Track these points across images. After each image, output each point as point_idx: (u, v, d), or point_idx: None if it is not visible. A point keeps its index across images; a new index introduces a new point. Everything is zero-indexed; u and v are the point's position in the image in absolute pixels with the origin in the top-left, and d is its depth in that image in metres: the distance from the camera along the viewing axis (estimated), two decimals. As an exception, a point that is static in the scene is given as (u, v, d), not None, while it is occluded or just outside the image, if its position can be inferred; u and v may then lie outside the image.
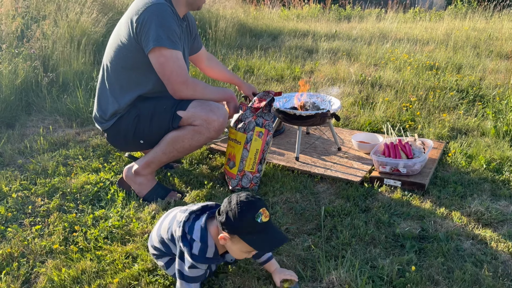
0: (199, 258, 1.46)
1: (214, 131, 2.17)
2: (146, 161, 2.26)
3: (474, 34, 6.39)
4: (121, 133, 2.24)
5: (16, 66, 3.63)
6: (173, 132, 2.19)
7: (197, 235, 1.47)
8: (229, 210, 1.42)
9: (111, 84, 2.21)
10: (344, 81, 4.22)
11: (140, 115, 2.19)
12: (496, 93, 3.68)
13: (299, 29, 7.11)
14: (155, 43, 2.01)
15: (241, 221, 1.40)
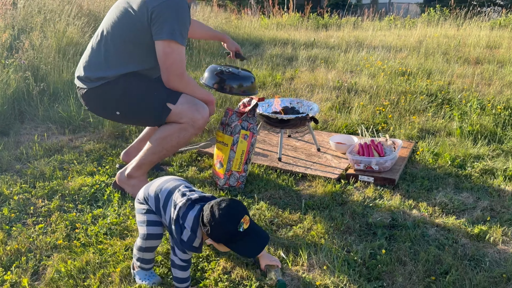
0: (186, 244, 1.60)
1: (199, 128, 2.33)
2: (138, 164, 2.42)
3: (444, 41, 6.75)
4: (102, 97, 2.31)
5: (8, 77, 3.76)
6: (160, 131, 2.33)
7: (189, 224, 1.60)
8: (212, 223, 1.52)
9: (108, 51, 2.27)
10: (322, 87, 4.47)
11: (128, 90, 2.28)
12: (462, 96, 3.98)
13: (279, 37, 7.36)
14: (168, 36, 2.14)
15: (225, 233, 1.53)
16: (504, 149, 3.02)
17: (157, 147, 2.35)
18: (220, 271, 1.83)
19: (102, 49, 2.28)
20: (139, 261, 1.75)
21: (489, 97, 3.94)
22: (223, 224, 1.52)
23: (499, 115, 3.53)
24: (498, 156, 2.92)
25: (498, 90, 4.24)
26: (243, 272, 1.81)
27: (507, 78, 4.58)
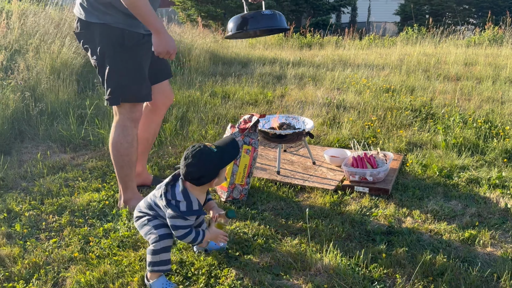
0: (188, 212, 1.79)
1: (136, 120, 2.40)
2: (122, 187, 2.52)
3: (424, 59, 7.08)
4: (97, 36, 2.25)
5: (7, 98, 3.83)
6: (109, 144, 2.44)
7: (180, 196, 1.79)
8: (194, 167, 1.77)
9: None
10: (312, 103, 4.66)
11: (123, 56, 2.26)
12: (445, 111, 4.22)
13: (266, 56, 7.59)
14: None
15: (209, 162, 1.78)
16: (487, 159, 3.23)
17: (117, 159, 2.44)
18: (233, 277, 1.94)
19: None
20: (156, 265, 1.84)
21: (469, 112, 4.19)
22: (200, 158, 1.77)
23: (480, 128, 3.76)
24: (481, 167, 3.12)
25: (478, 104, 4.51)
26: (255, 278, 1.93)
27: (485, 94, 4.86)
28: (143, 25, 2.28)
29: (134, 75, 2.33)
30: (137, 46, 2.30)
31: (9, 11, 6.95)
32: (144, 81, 2.38)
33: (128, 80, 2.31)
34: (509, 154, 3.31)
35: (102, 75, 2.33)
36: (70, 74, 4.72)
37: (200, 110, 4.40)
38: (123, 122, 2.41)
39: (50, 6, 8.76)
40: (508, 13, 11.57)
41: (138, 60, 2.33)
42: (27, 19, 5.93)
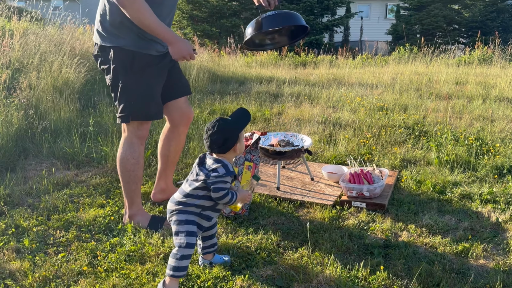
0: (227, 173, 1.97)
1: (142, 137, 2.52)
2: (127, 201, 2.60)
3: (416, 78, 7.27)
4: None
5: (11, 116, 3.91)
6: (117, 160, 2.54)
7: (215, 164, 1.99)
8: (214, 141, 1.98)
9: None
10: (309, 121, 4.78)
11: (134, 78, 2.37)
12: (437, 129, 4.35)
13: (262, 75, 7.75)
14: None
15: (228, 139, 1.99)
16: (478, 176, 3.36)
17: (123, 174, 2.53)
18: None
19: None
20: (177, 270, 1.94)
21: (461, 129, 4.33)
22: (220, 126, 1.99)
23: (471, 145, 3.89)
24: (473, 182, 3.24)
25: (469, 122, 4.66)
26: (259, 290, 2.01)
27: (476, 112, 5.02)
28: (154, 46, 2.41)
29: (144, 94, 2.43)
30: (148, 67, 2.42)
31: (10, 30, 7.08)
32: (153, 100, 2.48)
33: (137, 99, 2.42)
34: (499, 171, 3.43)
35: (115, 94, 2.45)
36: (72, 93, 4.82)
37: (200, 128, 4.50)
38: (131, 139, 2.52)
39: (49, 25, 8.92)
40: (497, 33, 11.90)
41: (148, 80, 2.44)
42: (28, 39, 6.05)
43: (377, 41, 24.57)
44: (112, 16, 2.33)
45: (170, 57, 2.50)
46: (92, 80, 5.71)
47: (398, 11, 19.38)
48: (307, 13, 17.40)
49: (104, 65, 2.44)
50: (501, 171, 3.44)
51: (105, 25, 2.38)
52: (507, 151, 3.76)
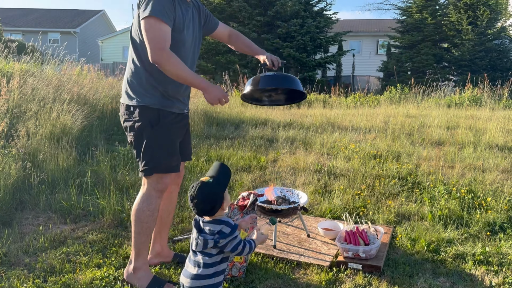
0: (233, 227, 2.03)
1: (161, 191, 2.58)
2: (134, 252, 2.62)
3: (408, 122, 7.42)
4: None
5: (9, 167, 3.94)
6: (132, 210, 2.60)
7: (218, 226, 2.01)
8: (202, 209, 2.00)
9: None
10: (304, 170, 4.85)
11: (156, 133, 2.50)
12: (430, 181, 4.44)
13: (257, 117, 7.87)
14: (147, 13, 2.27)
15: (215, 204, 2.00)
16: (471, 232, 3.41)
17: (137, 224, 2.58)
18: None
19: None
20: None
21: (453, 181, 4.41)
22: (203, 193, 2.00)
23: (463, 198, 3.97)
24: (466, 240, 3.29)
25: (461, 172, 4.75)
26: None
27: (467, 161, 5.12)
28: (176, 104, 2.57)
29: (167, 149, 2.55)
30: (171, 124, 2.55)
31: (8, 72, 7.18)
32: (175, 155, 2.60)
33: (161, 153, 2.53)
34: (492, 227, 3.50)
35: (138, 149, 2.55)
36: (69, 140, 4.86)
37: (196, 177, 4.55)
38: (149, 191, 2.59)
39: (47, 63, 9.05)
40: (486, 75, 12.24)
41: (171, 136, 2.57)
42: (26, 82, 6.14)
43: (369, 76, 25.13)
44: (139, 78, 2.50)
45: (188, 120, 2.75)
46: (89, 126, 5.77)
47: (389, 49, 19.90)
48: (300, 50, 17.80)
49: (128, 123, 2.55)
50: (493, 227, 3.50)
51: (132, 86, 2.53)
52: (499, 205, 3.83)
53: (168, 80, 2.46)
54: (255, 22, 18.24)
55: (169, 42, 2.32)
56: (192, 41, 2.58)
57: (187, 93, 2.71)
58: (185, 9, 2.49)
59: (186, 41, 2.50)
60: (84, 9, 35.54)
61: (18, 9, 36.02)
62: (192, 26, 2.56)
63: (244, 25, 18.33)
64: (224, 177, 2.13)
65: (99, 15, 34.99)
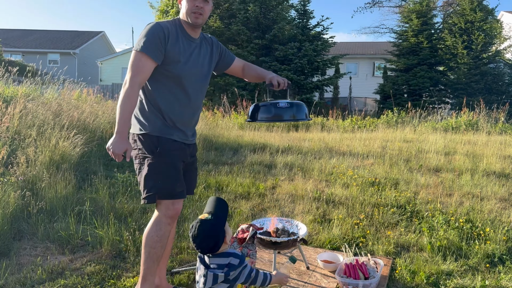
0: (241, 258, 2.06)
1: (171, 217, 2.58)
2: (141, 276, 2.63)
3: (405, 147, 7.47)
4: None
5: (8, 196, 3.94)
6: (143, 235, 2.61)
7: (222, 260, 2.04)
8: (205, 247, 2.04)
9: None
10: (302, 198, 4.86)
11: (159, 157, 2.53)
12: (428, 210, 4.45)
13: (255, 142, 7.90)
14: (134, 47, 2.46)
15: (218, 241, 2.03)
16: (470, 264, 3.41)
17: (145, 248, 2.59)
18: None
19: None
20: None
21: (451, 210, 4.42)
22: (204, 232, 2.03)
23: (462, 228, 3.97)
24: (466, 272, 3.29)
25: (459, 201, 4.77)
26: None
27: (465, 189, 5.14)
28: (176, 133, 2.61)
29: (169, 174, 2.56)
30: (171, 150, 2.58)
31: (8, 97, 7.23)
32: (178, 181, 2.60)
33: (163, 179, 2.54)
34: (491, 259, 3.49)
35: (141, 177, 2.59)
36: (69, 167, 4.87)
37: (195, 205, 4.55)
38: (159, 217, 2.60)
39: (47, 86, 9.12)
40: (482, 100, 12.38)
41: (173, 162, 2.58)
42: (26, 108, 6.18)
43: (366, 97, 25.35)
44: (143, 107, 2.59)
45: (193, 152, 2.77)
46: (88, 152, 5.79)
47: (385, 71, 20.13)
48: (298, 73, 17.98)
49: (133, 151, 2.61)
50: (492, 259, 3.50)
51: (137, 115, 2.61)
52: (497, 236, 3.84)
53: (169, 109, 2.56)
54: (253, 45, 18.47)
55: (143, 75, 2.43)
56: (196, 75, 2.63)
57: (191, 124, 2.71)
58: (187, 44, 2.58)
59: (184, 73, 2.56)
60: (84, 31, 35.86)
61: (18, 30, 36.41)
62: (197, 60, 2.63)
63: (242, 48, 18.55)
64: (222, 211, 2.15)
65: (99, 36, 35.38)
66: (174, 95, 2.57)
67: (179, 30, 2.57)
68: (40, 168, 4.64)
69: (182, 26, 2.59)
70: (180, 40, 2.55)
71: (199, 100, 2.72)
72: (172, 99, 2.57)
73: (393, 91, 17.58)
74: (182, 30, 2.58)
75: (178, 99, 2.58)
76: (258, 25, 18.90)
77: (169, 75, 2.52)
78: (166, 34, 2.47)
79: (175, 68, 2.52)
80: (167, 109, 2.55)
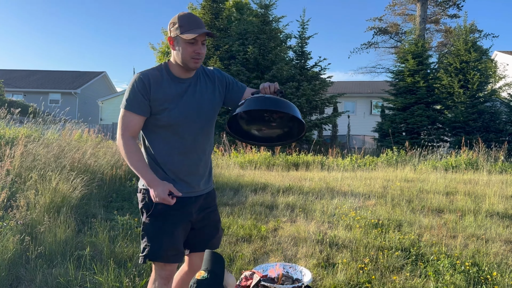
0: None
1: (165, 278, 2.49)
2: None
3: (407, 187, 7.44)
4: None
5: (7, 240, 3.88)
6: None
7: None
8: None
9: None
10: (305, 240, 4.79)
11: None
12: (433, 253, 4.38)
13: (256, 181, 7.88)
14: (120, 105, 2.43)
15: None
16: (480, 311, 3.33)
17: None
18: None
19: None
20: None
21: (456, 252, 4.36)
22: (208, 286, 2.05)
23: (468, 272, 3.90)
24: (476, 320, 3.20)
25: (463, 243, 4.70)
26: None
27: (469, 230, 5.09)
28: (179, 187, 2.43)
29: (161, 239, 2.45)
30: (167, 211, 2.42)
31: (9, 138, 7.26)
32: (172, 244, 2.45)
33: (155, 243, 2.45)
34: (501, 305, 3.41)
35: (140, 234, 2.55)
36: (69, 210, 4.82)
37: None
38: (155, 278, 2.53)
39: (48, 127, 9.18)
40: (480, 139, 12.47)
41: (167, 225, 2.45)
42: (27, 149, 6.19)
43: (364, 135, 25.53)
44: (145, 161, 2.49)
45: (205, 204, 2.59)
46: (88, 194, 5.75)
47: (383, 110, 20.37)
48: (297, 112, 18.17)
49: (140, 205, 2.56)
50: (502, 305, 3.42)
51: None
52: (505, 280, 3.77)
53: (167, 160, 2.45)
54: (253, 85, 18.77)
55: (131, 129, 2.39)
56: (192, 116, 2.45)
57: (198, 171, 2.52)
58: (175, 87, 2.42)
59: (176, 119, 2.41)
60: (86, 71, 36.52)
61: (20, 70, 37.08)
62: (192, 100, 2.44)
63: (242, 88, 18.82)
64: (219, 267, 2.11)
65: (100, 76, 36.00)
66: (169, 144, 2.44)
67: (165, 74, 2.42)
68: (40, 211, 4.59)
69: (169, 69, 2.44)
70: (165, 85, 2.40)
71: (203, 143, 2.52)
72: (168, 149, 2.45)
73: (391, 129, 17.71)
74: (169, 73, 2.43)
75: (175, 147, 2.45)
76: (257, 66, 19.28)
77: (161, 124, 2.42)
78: (147, 84, 2.36)
79: (164, 117, 2.40)
80: (164, 161, 2.45)
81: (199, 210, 2.57)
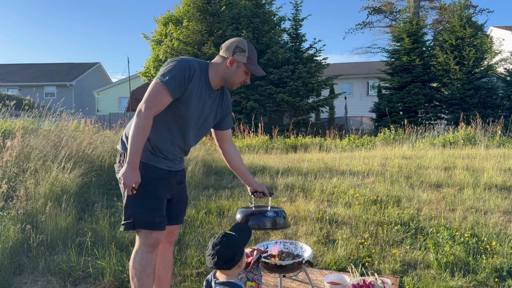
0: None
1: (150, 245, 2.53)
2: None
3: (405, 164, 7.46)
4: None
5: (8, 230, 3.89)
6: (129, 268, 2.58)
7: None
8: (223, 256, 2.03)
9: None
10: (305, 219, 4.81)
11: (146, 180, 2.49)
12: (432, 226, 4.41)
13: (255, 164, 7.89)
14: (158, 78, 2.41)
15: (236, 255, 2.06)
16: (479, 279, 3.36)
17: (132, 281, 2.55)
18: None
19: None
20: None
21: (455, 225, 4.39)
22: (228, 241, 2.06)
23: (467, 243, 3.93)
24: (475, 288, 3.24)
25: (462, 215, 4.74)
26: None
27: (467, 203, 5.12)
28: (164, 162, 2.57)
29: (150, 205, 2.52)
30: (157, 179, 2.53)
31: (6, 130, 7.24)
32: (158, 212, 2.54)
33: (143, 209, 2.50)
34: (499, 273, 3.45)
35: (123, 201, 2.56)
36: (69, 198, 4.83)
37: (197, 231, 4.50)
38: (140, 247, 2.56)
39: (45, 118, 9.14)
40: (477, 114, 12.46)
41: (155, 192, 2.53)
42: (25, 141, 6.17)
43: (362, 116, 25.49)
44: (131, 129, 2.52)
45: (180, 179, 2.72)
46: (88, 182, 5.76)
47: (380, 90, 20.30)
48: (293, 95, 18.12)
49: (118, 173, 2.55)
50: (501, 273, 3.45)
51: (127, 135, 2.57)
52: (504, 249, 3.80)
53: (160, 143, 2.54)
54: (248, 69, 18.64)
55: (158, 107, 2.42)
56: (198, 124, 2.61)
57: (181, 156, 2.70)
58: (205, 92, 2.55)
59: (189, 117, 2.54)
60: (80, 63, 36.23)
61: (15, 64, 36.79)
62: (205, 111, 2.59)
63: (237, 73, 18.72)
64: (246, 233, 2.21)
65: (95, 67, 35.75)
66: (170, 131, 2.55)
67: (203, 76, 2.54)
68: (40, 201, 4.60)
69: (208, 74, 2.56)
70: (201, 85, 2.52)
71: (192, 145, 2.71)
72: (167, 135, 2.55)
73: (388, 109, 17.70)
74: (206, 77, 2.55)
75: (174, 137, 2.57)
76: (252, 50, 19.12)
77: (175, 112, 2.50)
78: (192, 74, 2.46)
79: (183, 109, 2.50)
80: (158, 142, 2.54)
81: (177, 183, 2.70)
